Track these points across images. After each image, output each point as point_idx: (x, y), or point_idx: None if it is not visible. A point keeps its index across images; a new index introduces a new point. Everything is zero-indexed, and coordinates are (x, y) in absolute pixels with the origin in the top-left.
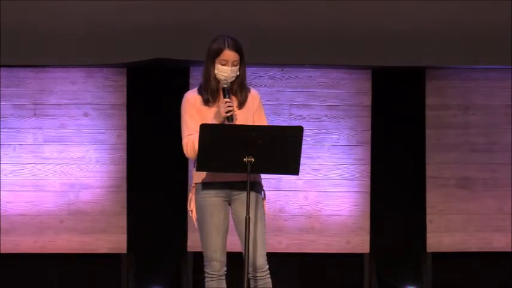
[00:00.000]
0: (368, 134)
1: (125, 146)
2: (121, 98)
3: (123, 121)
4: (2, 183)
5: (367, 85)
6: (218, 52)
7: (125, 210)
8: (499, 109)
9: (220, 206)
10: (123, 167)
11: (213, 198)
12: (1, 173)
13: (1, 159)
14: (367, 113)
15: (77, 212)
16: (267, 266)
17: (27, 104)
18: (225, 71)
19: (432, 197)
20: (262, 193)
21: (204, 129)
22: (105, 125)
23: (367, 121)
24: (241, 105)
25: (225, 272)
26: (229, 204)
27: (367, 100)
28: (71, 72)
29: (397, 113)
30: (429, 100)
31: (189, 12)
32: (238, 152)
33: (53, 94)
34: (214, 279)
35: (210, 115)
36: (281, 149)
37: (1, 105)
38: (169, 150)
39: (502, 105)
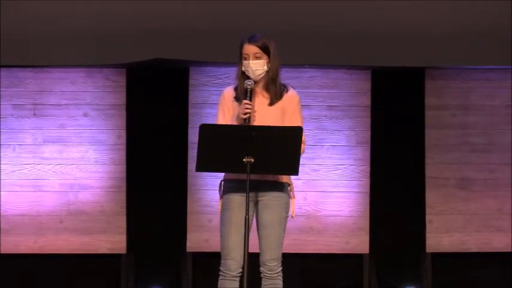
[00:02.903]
0: (367, 134)
1: (125, 147)
2: (121, 98)
3: (123, 121)
4: (1, 183)
5: (367, 85)
6: (240, 48)
7: (124, 211)
8: (499, 109)
9: (244, 204)
10: (123, 167)
11: (238, 196)
12: (1, 173)
13: (1, 160)
14: (367, 113)
15: (77, 212)
16: (279, 269)
17: (26, 104)
18: (247, 65)
19: (432, 197)
20: (290, 194)
21: (204, 129)
22: (105, 125)
23: (367, 121)
24: (272, 102)
25: (240, 274)
26: (255, 205)
27: (367, 100)
28: (70, 73)
29: (396, 113)
30: (429, 100)
31: (188, 12)
32: (238, 152)
33: (53, 94)
34: (227, 278)
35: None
36: (281, 149)
37: (1, 105)
38: (169, 150)
39: (502, 105)
